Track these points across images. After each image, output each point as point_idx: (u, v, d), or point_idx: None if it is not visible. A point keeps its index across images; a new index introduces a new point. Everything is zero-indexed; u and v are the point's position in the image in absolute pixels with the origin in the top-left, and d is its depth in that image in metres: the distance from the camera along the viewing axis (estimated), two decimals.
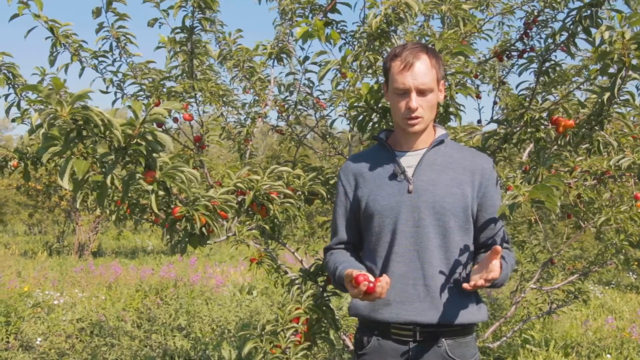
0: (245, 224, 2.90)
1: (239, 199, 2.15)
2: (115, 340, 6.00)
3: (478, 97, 4.26)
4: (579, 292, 4.38)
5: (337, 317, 3.04)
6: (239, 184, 2.12)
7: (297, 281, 2.43)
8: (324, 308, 2.34)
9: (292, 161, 3.37)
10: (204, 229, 1.91)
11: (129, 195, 1.88)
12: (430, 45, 2.31)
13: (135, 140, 1.63)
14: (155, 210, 1.77)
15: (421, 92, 1.95)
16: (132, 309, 7.29)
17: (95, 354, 5.66)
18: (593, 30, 2.16)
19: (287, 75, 3.65)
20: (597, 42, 2.01)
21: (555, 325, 6.80)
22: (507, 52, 3.70)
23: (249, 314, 7.05)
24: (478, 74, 3.92)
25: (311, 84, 3.62)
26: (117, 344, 5.91)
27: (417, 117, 1.96)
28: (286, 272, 3.14)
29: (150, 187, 1.75)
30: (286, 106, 3.68)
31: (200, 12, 2.73)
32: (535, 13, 3.61)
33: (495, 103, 4.16)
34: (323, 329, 2.29)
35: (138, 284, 8.43)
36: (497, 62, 4.22)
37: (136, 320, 6.86)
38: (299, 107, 3.60)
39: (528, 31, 3.70)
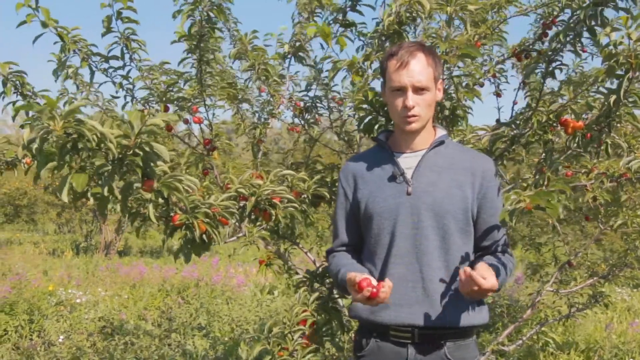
0: (256, 224, 2.89)
1: (241, 204, 2.15)
2: (135, 339, 6.05)
3: (498, 95, 4.21)
4: (600, 296, 4.30)
5: (349, 319, 3.03)
6: (240, 190, 2.12)
7: (307, 283, 2.42)
8: (332, 310, 2.33)
9: (304, 162, 3.35)
10: (204, 236, 1.91)
11: (129, 205, 1.88)
12: (431, 45, 2.29)
13: (131, 151, 1.63)
14: (153, 219, 1.78)
15: (417, 90, 1.94)
16: (153, 308, 7.35)
17: (115, 353, 5.72)
18: (599, 30, 2.11)
19: (303, 75, 3.63)
20: (603, 43, 1.97)
21: (578, 328, 6.70)
22: (526, 52, 3.65)
23: (269, 314, 7.06)
24: (496, 73, 3.87)
25: (328, 83, 3.59)
26: (137, 343, 5.97)
27: (414, 115, 1.95)
28: (297, 274, 3.13)
29: (148, 197, 1.76)
30: (302, 104, 3.66)
31: (207, 23, 2.72)
32: (555, 13, 3.54)
33: (514, 103, 4.11)
34: (331, 331, 2.28)
35: (161, 283, 8.50)
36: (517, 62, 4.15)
37: (157, 319, 6.92)
38: (315, 104, 3.57)
39: (547, 31, 3.64)
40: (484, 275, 1.81)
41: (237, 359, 5.48)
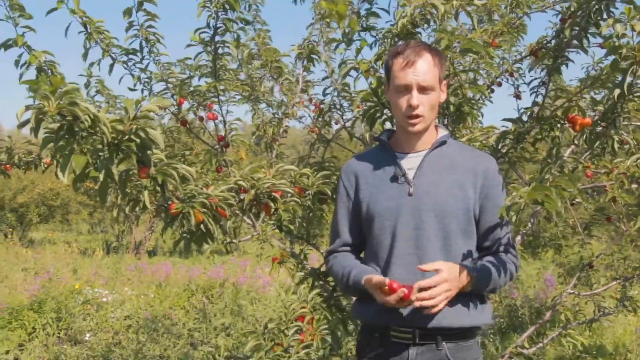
0: (269, 223, 2.90)
1: (242, 197, 2.15)
2: (160, 338, 6.11)
3: (518, 97, 4.15)
4: (628, 300, 4.20)
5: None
6: (240, 182, 2.12)
7: (309, 280, 2.42)
8: (334, 309, 2.32)
9: (320, 162, 3.35)
10: (202, 226, 1.92)
11: (127, 191, 1.89)
12: (435, 45, 2.27)
13: (127, 137, 1.64)
14: (148, 206, 1.79)
15: (423, 90, 1.92)
16: (178, 308, 7.42)
17: (139, 350, 5.78)
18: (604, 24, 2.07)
19: (323, 79, 3.64)
20: (606, 34, 1.93)
21: (606, 332, 6.57)
22: (544, 50, 3.59)
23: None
24: (513, 72, 3.82)
25: (346, 87, 3.59)
26: (162, 342, 6.03)
27: (418, 116, 1.94)
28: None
29: (145, 183, 1.77)
30: (321, 105, 3.66)
31: (223, 12, 2.74)
32: (572, 9, 3.49)
33: (534, 103, 4.04)
34: (330, 328, 2.26)
35: (186, 283, 8.56)
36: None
37: (182, 318, 6.97)
38: (330, 108, 3.57)
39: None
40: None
41: (259, 358, 5.48)
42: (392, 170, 2.02)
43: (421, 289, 1.82)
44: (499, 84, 3.48)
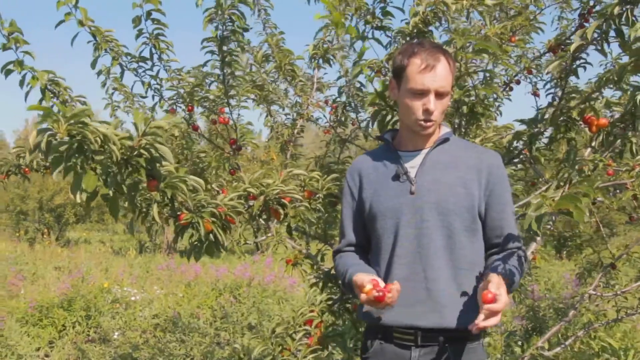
0: (283, 224, 2.91)
1: (250, 204, 2.16)
2: (186, 337, 6.18)
3: (536, 94, 4.11)
4: None
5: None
6: (249, 189, 2.13)
7: (319, 284, 2.42)
8: (344, 312, 2.31)
9: (334, 162, 3.36)
10: (211, 235, 1.93)
11: (137, 204, 1.92)
12: (446, 45, 2.25)
13: (136, 152, 1.66)
14: (157, 219, 1.82)
15: (439, 95, 1.91)
16: (206, 307, 7.47)
17: (166, 349, 5.85)
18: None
19: (338, 78, 3.65)
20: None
21: (638, 334, 6.43)
22: (562, 47, 3.54)
23: None
24: (532, 69, 3.77)
25: (362, 87, 3.58)
26: (188, 341, 6.09)
27: (432, 120, 1.93)
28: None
29: (154, 196, 1.80)
30: (336, 106, 3.66)
31: (230, 23, 2.76)
32: (591, 4, 3.43)
33: (550, 104, 3.99)
34: (338, 332, 2.26)
35: (214, 282, 8.62)
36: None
37: (209, 317, 7.03)
38: (344, 108, 3.57)
39: (584, 23, 3.52)
40: (498, 296, 1.73)
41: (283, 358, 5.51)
42: (394, 168, 2.01)
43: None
44: (517, 82, 3.45)
